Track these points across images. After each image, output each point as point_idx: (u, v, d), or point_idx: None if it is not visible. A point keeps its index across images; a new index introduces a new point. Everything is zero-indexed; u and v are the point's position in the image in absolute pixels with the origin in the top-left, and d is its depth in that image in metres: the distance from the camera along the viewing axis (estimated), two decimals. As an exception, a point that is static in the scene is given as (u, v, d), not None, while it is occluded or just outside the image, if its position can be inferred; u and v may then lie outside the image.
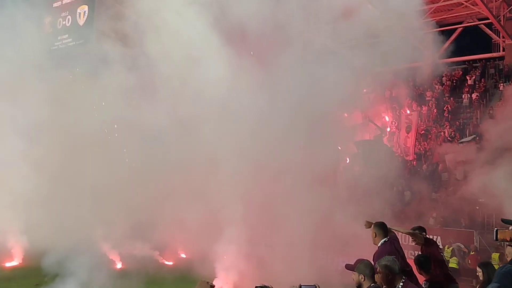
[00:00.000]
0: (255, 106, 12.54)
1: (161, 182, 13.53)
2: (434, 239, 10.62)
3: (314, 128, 13.15)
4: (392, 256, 5.56)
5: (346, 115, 17.50)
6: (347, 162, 18.90)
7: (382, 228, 7.20)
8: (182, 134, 13.20)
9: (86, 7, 21.41)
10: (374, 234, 7.21)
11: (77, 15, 21.71)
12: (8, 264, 15.11)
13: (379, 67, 15.05)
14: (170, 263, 16.02)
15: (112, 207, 14.10)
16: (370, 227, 7.33)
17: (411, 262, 6.93)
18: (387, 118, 22.36)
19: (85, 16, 21.34)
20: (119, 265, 15.31)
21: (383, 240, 7.10)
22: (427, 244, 7.54)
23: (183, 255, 16.56)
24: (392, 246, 7.03)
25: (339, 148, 16.79)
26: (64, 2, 22.18)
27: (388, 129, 21.86)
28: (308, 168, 12.79)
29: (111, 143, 14.81)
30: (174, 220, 13.97)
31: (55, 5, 22.20)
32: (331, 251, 14.06)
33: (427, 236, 7.77)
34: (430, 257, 7.02)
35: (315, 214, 12.35)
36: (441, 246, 13.81)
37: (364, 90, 18.11)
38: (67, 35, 22.09)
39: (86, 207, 14.31)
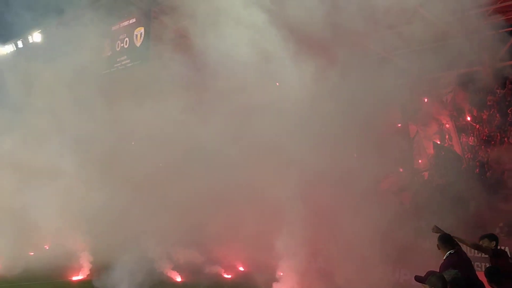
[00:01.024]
0: (317, 114, 12.44)
1: (220, 195, 13.66)
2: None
3: (375, 136, 12.93)
4: (455, 270, 5.37)
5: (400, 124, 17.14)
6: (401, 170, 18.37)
7: (447, 240, 6.99)
8: (241, 145, 13.28)
9: (142, 29, 22.17)
10: (438, 246, 7.02)
11: (134, 37, 22.52)
12: (75, 278, 15.78)
13: (438, 72, 14.64)
14: (229, 276, 16.13)
15: (172, 220, 14.38)
16: (438, 232, 7.15)
17: (481, 274, 6.61)
18: (447, 126, 21.56)
19: (142, 38, 22.09)
20: (178, 279, 15.63)
21: (448, 252, 6.89)
22: (496, 255, 7.20)
23: (241, 268, 16.64)
24: (458, 258, 6.80)
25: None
26: (121, 25, 23.09)
27: (447, 136, 21.10)
28: (368, 177, 12.52)
29: (171, 158, 15.17)
30: (232, 233, 14.06)
31: (113, 28, 23.20)
32: (392, 262, 13.66)
33: (498, 246, 7.41)
34: (501, 269, 6.68)
35: (376, 224, 12.05)
36: (511, 257, 13.08)
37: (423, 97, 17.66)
38: (125, 56, 22.95)
39: (146, 221, 14.70)
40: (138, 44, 22.33)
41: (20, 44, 25.30)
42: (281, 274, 12.54)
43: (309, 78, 12.56)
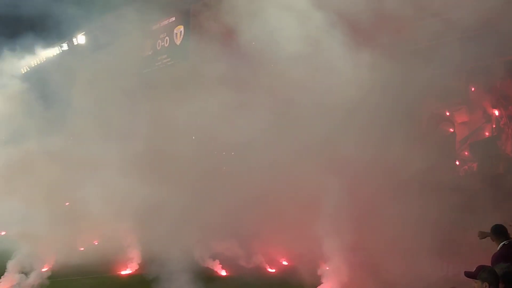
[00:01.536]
0: (361, 105, 12.27)
1: (264, 188, 13.70)
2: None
3: (420, 127, 12.64)
4: (507, 264, 5.20)
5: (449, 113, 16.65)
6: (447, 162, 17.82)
7: (500, 231, 6.79)
8: (285, 138, 13.27)
9: (182, 27, 22.56)
10: (492, 238, 6.83)
11: (174, 35, 22.95)
12: (124, 272, 16.24)
13: (485, 60, 14.14)
14: (273, 270, 16.19)
15: (216, 214, 14.55)
16: (484, 238, 6.96)
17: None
18: (496, 113, 20.72)
19: (181, 36, 22.48)
20: (223, 273, 15.82)
21: (502, 243, 6.69)
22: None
23: (285, 262, 16.66)
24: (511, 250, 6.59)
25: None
26: (162, 24, 23.57)
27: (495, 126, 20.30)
28: (414, 168, 12.25)
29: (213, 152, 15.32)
30: (276, 227, 14.09)
31: (154, 27, 23.69)
32: (440, 256, 13.35)
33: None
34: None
35: (423, 217, 11.80)
36: None
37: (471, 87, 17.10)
38: (165, 55, 23.42)
39: (191, 216, 14.92)
40: (178, 42, 22.74)
41: (65, 46, 26.21)
42: (327, 268, 12.47)
43: (353, 69, 12.38)
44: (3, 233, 19.71)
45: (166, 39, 23.40)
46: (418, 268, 11.92)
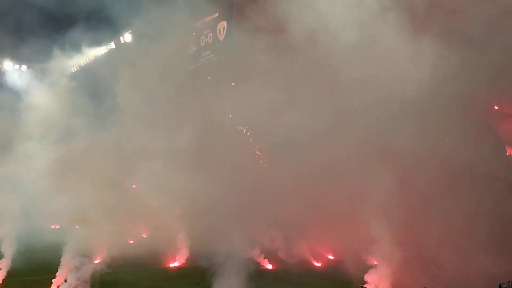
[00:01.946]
0: (416, 99, 11.94)
1: (313, 183, 13.61)
2: None
3: (474, 120, 12.19)
4: None
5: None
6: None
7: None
8: (334, 129, 13.10)
9: (225, 23, 22.66)
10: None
11: (217, 31, 23.08)
12: (172, 265, 16.56)
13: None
14: (319, 264, 16.09)
15: (264, 209, 14.59)
16: None
17: None
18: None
19: (225, 31, 22.58)
20: (269, 266, 15.85)
21: None
22: None
23: (331, 257, 16.53)
24: None
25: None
26: (205, 21, 23.76)
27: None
28: (466, 162, 11.85)
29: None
30: (323, 220, 13.98)
31: (198, 24, 23.92)
32: (491, 251, 12.86)
33: None
34: None
35: (476, 212, 11.40)
36: None
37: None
38: (209, 51, 23.61)
39: (238, 208, 15.02)
40: (221, 38, 22.84)
41: (112, 45, 26.92)
42: (376, 263, 12.25)
43: (408, 61, 12.02)
44: (57, 226, 20.45)
45: (210, 35, 23.57)
46: (469, 262, 11.54)
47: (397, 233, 11.59)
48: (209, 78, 18.89)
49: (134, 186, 17.00)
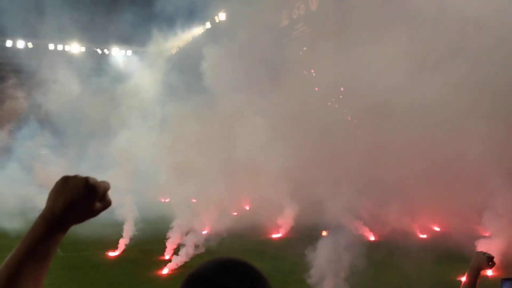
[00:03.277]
0: None
1: (418, 151, 13.15)
2: None
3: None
4: None
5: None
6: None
7: None
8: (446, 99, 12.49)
9: (317, -8, 22.30)
10: None
11: (310, 2, 22.76)
12: (275, 236, 17.04)
13: None
14: (424, 236, 15.61)
15: (367, 178, 14.38)
16: None
17: None
18: None
19: (317, 1, 22.21)
20: (372, 238, 15.69)
21: None
22: None
23: (437, 228, 15.94)
24: None
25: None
26: (297, -8, 23.57)
27: None
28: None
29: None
30: (429, 190, 13.48)
31: (289, -4, 23.83)
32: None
33: None
34: None
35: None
36: None
37: None
38: (302, 23, 23.42)
39: (340, 179, 14.96)
40: (314, 8, 22.51)
41: (208, 25, 27.72)
42: (486, 235, 11.62)
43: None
44: (167, 200, 21.84)
45: (302, 7, 23.34)
46: None
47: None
48: (304, 48, 18.73)
49: (235, 161, 17.54)
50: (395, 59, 13.76)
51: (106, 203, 1.33)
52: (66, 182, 1.28)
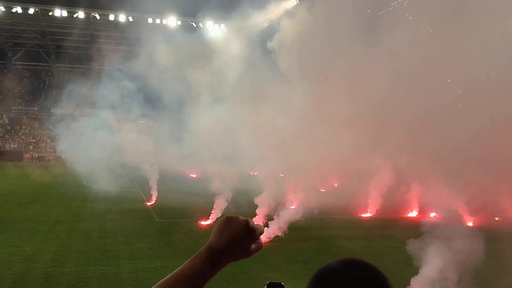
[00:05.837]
0: None
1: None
2: None
3: None
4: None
5: None
6: None
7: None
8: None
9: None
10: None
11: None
12: (364, 215, 16.64)
13: None
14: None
15: (466, 161, 13.53)
16: None
17: None
18: None
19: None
20: (470, 224, 14.74)
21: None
22: None
23: (496, 218, 14.79)
24: None
25: None
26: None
27: None
28: None
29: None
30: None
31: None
32: None
33: None
34: None
35: None
36: None
37: None
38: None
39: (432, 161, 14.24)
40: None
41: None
42: None
43: None
44: (256, 173, 22.10)
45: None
46: None
47: None
48: (410, 18, 17.54)
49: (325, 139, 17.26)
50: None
51: (259, 245, 1.43)
52: (229, 222, 1.41)
